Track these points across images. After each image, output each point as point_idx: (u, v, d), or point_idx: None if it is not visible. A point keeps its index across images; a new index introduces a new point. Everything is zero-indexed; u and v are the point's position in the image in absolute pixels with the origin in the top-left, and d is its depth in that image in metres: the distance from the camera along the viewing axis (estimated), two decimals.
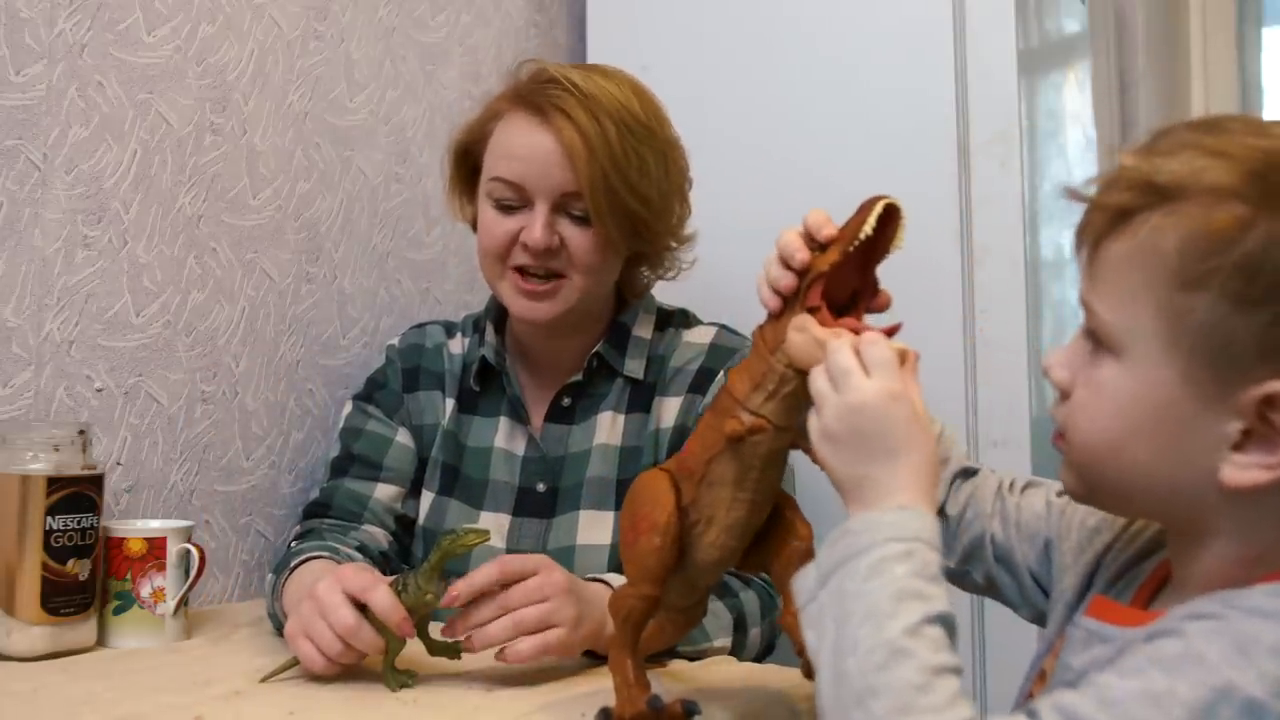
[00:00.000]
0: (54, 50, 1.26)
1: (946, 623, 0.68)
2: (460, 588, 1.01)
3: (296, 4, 1.54)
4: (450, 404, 1.38)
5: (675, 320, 1.39)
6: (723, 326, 1.37)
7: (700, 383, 1.31)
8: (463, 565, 1.23)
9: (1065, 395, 0.75)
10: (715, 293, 1.53)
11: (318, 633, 1.01)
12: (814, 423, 0.77)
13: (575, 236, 1.26)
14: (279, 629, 1.21)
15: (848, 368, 0.75)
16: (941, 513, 0.93)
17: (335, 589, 1.01)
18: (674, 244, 1.36)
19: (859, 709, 0.64)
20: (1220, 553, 0.70)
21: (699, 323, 1.39)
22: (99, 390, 1.30)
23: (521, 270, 1.27)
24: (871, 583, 0.69)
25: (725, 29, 1.77)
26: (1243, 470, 0.66)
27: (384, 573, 1.25)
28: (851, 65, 1.67)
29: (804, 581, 0.74)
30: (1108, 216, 0.71)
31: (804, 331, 0.80)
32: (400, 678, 1.01)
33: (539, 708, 0.95)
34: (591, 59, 1.87)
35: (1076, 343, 0.75)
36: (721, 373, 1.31)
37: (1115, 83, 2.39)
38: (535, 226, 1.25)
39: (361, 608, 1.00)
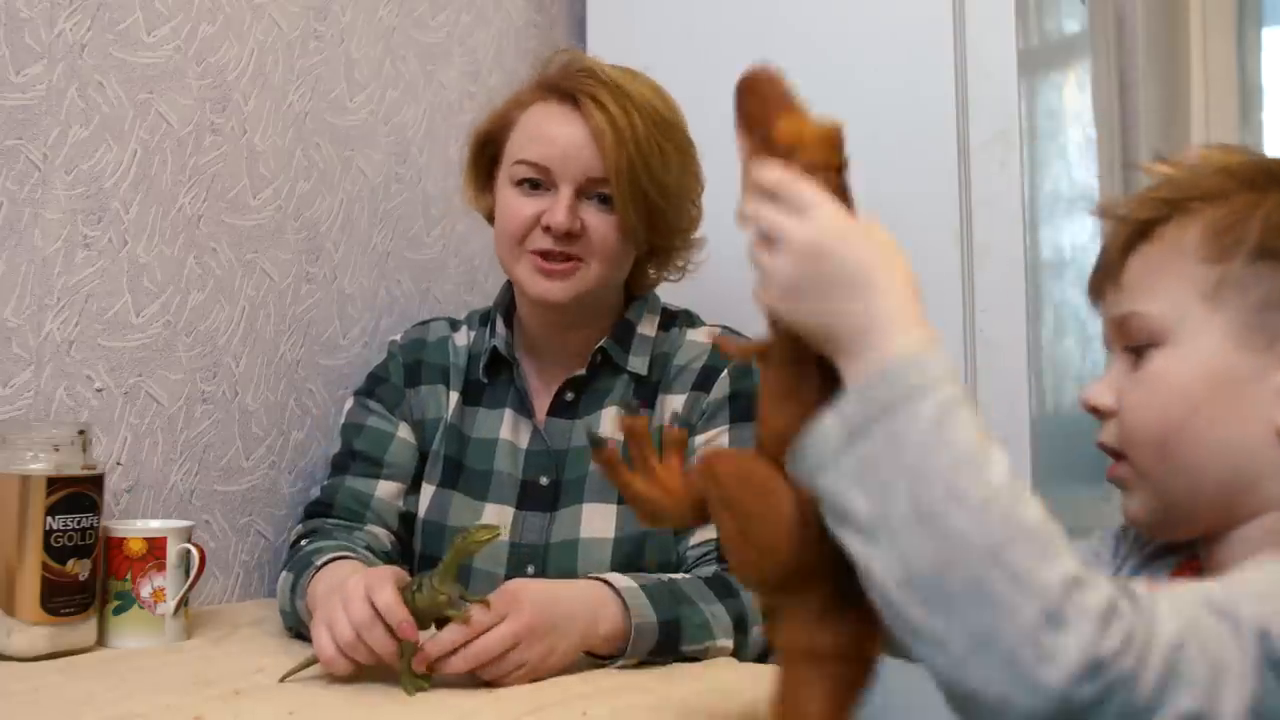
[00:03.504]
0: (54, 50, 1.26)
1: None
2: (431, 650, 1.01)
3: (296, 4, 1.54)
4: (454, 397, 1.39)
5: (680, 320, 1.40)
6: (725, 328, 1.38)
7: (704, 380, 1.33)
8: (467, 563, 1.23)
9: (1111, 416, 0.77)
10: (714, 293, 1.53)
11: (334, 621, 1.02)
12: (765, 290, 0.72)
13: (597, 222, 1.29)
14: (291, 626, 1.22)
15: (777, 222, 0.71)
16: None
17: (360, 584, 1.03)
18: (680, 244, 1.38)
19: (995, 566, 0.57)
20: (1258, 538, 0.72)
21: (703, 323, 1.41)
22: (99, 390, 1.30)
23: (541, 254, 1.29)
24: (948, 428, 0.62)
25: (725, 29, 1.77)
26: None
27: None
28: (851, 65, 1.66)
29: (820, 436, 0.64)
30: (1130, 229, 0.77)
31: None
32: (417, 681, 1.01)
33: (539, 707, 0.95)
34: None
35: (1114, 368, 0.78)
36: (724, 372, 1.32)
37: (1115, 83, 2.39)
38: (559, 209, 1.27)
39: None
